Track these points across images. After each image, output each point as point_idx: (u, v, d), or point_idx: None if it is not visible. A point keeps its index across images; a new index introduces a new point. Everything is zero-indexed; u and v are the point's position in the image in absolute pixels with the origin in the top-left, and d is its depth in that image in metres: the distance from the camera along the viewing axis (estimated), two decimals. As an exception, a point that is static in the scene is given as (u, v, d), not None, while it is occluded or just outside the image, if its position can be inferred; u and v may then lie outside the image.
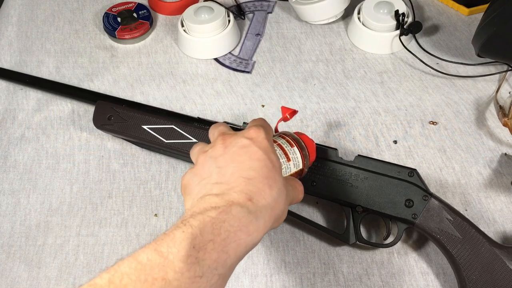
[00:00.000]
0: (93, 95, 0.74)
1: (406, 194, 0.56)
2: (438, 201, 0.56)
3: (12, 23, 0.87)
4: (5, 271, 0.59)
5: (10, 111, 0.75)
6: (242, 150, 0.45)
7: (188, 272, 0.35)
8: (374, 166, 0.58)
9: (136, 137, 0.65)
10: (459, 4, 0.86)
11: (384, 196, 0.57)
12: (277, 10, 0.88)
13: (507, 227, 0.61)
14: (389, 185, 0.57)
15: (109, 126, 0.66)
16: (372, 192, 0.57)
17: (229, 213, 0.39)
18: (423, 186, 0.57)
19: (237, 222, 0.39)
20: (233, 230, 0.38)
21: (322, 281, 0.58)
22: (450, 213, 0.55)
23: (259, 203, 0.41)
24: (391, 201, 0.56)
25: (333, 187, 0.58)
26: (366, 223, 0.62)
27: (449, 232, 0.54)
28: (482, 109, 0.72)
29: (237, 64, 0.80)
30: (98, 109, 0.67)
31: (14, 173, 0.68)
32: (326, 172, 0.58)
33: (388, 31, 0.79)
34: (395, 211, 0.56)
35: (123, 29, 0.82)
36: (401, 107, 0.73)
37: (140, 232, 0.62)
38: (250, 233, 0.39)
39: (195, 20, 0.79)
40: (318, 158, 0.58)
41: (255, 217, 0.40)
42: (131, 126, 0.65)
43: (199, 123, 0.64)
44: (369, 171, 0.58)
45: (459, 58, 0.79)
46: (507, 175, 0.65)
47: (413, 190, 0.56)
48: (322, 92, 0.76)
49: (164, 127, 0.64)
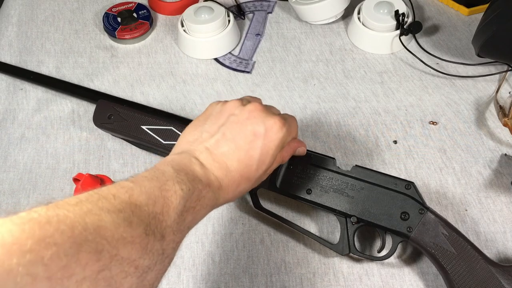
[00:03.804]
0: (95, 94, 0.74)
1: (402, 207, 0.55)
2: (435, 215, 0.55)
3: (12, 23, 0.87)
4: (5, 271, 0.59)
5: (10, 111, 0.75)
6: (252, 136, 0.47)
7: (177, 225, 0.39)
8: (371, 177, 0.57)
9: (135, 137, 0.65)
10: (459, 4, 0.86)
11: (379, 207, 0.56)
12: (277, 10, 0.88)
13: (507, 227, 0.61)
14: (385, 196, 0.56)
15: (108, 125, 0.66)
16: (367, 203, 0.56)
17: (206, 193, 0.43)
18: (420, 199, 0.56)
19: (206, 203, 0.43)
20: (202, 208, 0.43)
21: (322, 281, 0.58)
22: (446, 228, 0.54)
23: (225, 197, 0.46)
24: (386, 213, 0.55)
25: (328, 197, 0.57)
26: (361, 234, 0.62)
27: (444, 247, 0.53)
28: (482, 109, 0.72)
29: (237, 64, 0.80)
30: (99, 108, 0.67)
31: (14, 173, 0.68)
32: (322, 181, 0.58)
33: (388, 31, 0.79)
34: (390, 223, 0.55)
35: (123, 29, 0.82)
36: (401, 107, 0.73)
37: (140, 232, 0.62)
38: (205, 214, 0.44)
39: (195, 20, 0.79)
40: (315, 166, 0.58)
41: (216, 204, 0.45)
42: (131, 126, 0.65)
43: None
44: (365, 182, 0.57)
45: (459, 58, 0.79)
46: (507, 175, 0.65)
47: (409, 203, 0.55)
48: (322, 92, 0.76)
49: (163, 128, 0.64)
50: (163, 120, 0.64)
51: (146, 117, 0.65)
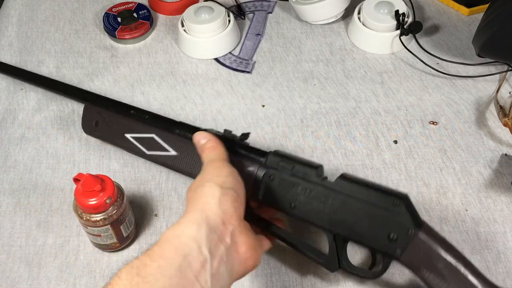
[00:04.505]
0: (83, 93, 0.71)
1: (388, 227, 0.48)
2: (428, 234, 0.48)
3: (12, 23, 0.87)
4: (5, 271, 0.59)
5: (10, 111, 0.75)
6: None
7: None
8: (355, 190, 0.50)
9: (121, 146, 0.63)
10: (460, 4, 0.86)
11: (364, 225, 0.49)
12: (277, 10, 0.88)
13: (507, 227, 0.61)
14: (369, 214, 0.49)
15: (96, 133, 0.64)
16: (351, 220, 0.50)
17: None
18: (411, 218, 0.48)
19: None
20: None
21: (322, 281, 0.58)
22: (441, 250, 0.48)
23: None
24: (371, 232, 0.49)
25: (312, 211, 0.51)
26: (352, 246, 0.57)
27: (438, 273, 0.47)
28: (482, 109, 0.72)
29: (237, 64, 0.80)
30: (85, 114, 0.65)
31: (14, 173, 0.68)
32: (305, 193, 0.51)
33: (388, 31, 0.79)
34: (376, 244, 0.49)
35: (123, 29, 0.82)
36: (401, 107, 0.73)
37: (140, 232, 0.62)
38: None
39: (195, 20, 0.79)
40: (297, 177, 0.52)
41: None
42: (116, 133, 0.63)
43: (181, 130, 0.60)
44: (348, 196, 0.50)
45: (459, 58, 0.79)
46: (507, 175, 0.65)
47: (397, 222, 0.48)
48: (322, 92, 0.76)
49: (145, 137, 0.61)
50: (146, 127, 0.61)
51: (130, 123, 0.62)
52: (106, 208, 0.55)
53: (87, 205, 0.54)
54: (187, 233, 0.42)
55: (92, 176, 0.54)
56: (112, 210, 0.55)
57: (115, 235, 0.57)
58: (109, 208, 0.55)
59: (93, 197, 0.54)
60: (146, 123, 0.62)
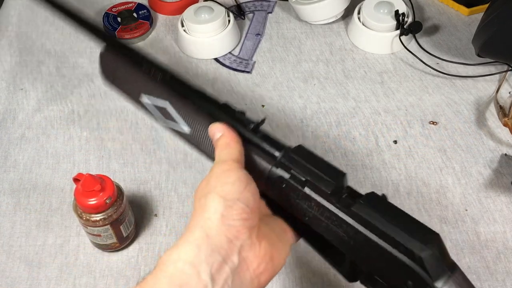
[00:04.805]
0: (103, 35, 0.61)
1: (406, 275, 0.40)
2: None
3: (12, 23, 0.87)
4: (5, 271, 0.59)
5: (10, 111, 0.75)
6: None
7: None
8: (375, 222, 0.41)
9: (136, 106, 0.53)
10: (459, 4, 0.86)
11: (380, 263, 0.41)
12: (277, 10, 0.88)
13: (507, 227, 0.61)
14: (386, 255, 0.40)
15: (114, 87, 0.54)
16: (366, 252, 0.42)
17: None
18: (430, 272, 0.39)
19: None
20: None
21: (322, 281, 0.58)
22: None
23: None
24: (388, 272, 0.41)
25: (327, 231, 0.44)
26: None
27: None
28: (482, 109, 0.72)
29: (237, 64, 0.80)
30: (102, 63, 0.55)
31: (14, 173, 0.68)
32: (318, 211, 0.44)
33: (388, 31, 0.79)
34: (392, 285, 0.42)
35: (123, 29, 0.82)
36: (401, 107, 0.73)
37: (140, 232, 0.62)
38: None
39: (195, 20, 0.79)
40: (311, 190, 0.44)
41: None
42: (133, 91, 0.53)
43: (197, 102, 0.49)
44: (365, 227, 0.41)
45: (459, 58, 0.79)
46: (507, 175, 0.65)
47: (415, 274, 0.39)
48: (322, 92, 0.76)
49: (158, 106, 0.51)
50: (162, 91, 0.51)
51: (145, 82, 0.52)
52: (106, 208, 0.55)
53: (87, 205, 0.54)
54: (185, 258, 0.37)
55: (92, 176, 0.54)
56: (112, 210, 0.55)
57: (115, 235, 0.57)
58: (109, 208, 0.55)
59: (93, 197, 0.54)
60: (160, 86, 0.52)
